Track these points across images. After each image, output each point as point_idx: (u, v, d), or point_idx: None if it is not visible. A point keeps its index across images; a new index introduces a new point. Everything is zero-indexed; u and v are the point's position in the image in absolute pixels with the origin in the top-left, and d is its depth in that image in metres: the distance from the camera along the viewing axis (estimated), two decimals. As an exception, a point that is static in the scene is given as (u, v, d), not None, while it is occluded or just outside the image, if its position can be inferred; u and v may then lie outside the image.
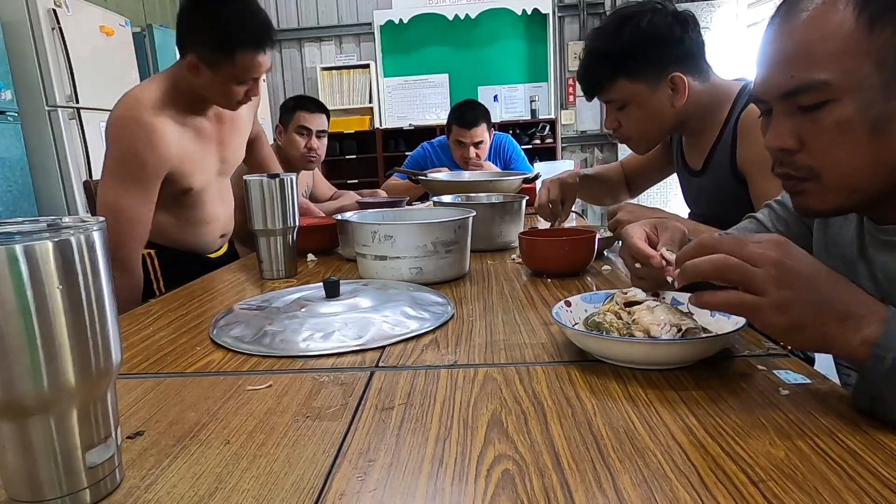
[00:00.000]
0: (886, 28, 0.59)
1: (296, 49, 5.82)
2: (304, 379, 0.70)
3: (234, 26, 1.38)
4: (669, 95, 1.24)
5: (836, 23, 0.61)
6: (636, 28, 1.20)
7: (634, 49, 1.21)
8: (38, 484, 0.44)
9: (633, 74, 1.24)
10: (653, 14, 1.20)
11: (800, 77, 0.64)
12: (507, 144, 2.90)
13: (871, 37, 0.60)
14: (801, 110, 0.65)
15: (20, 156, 3.15)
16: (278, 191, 1.23)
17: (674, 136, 1.49)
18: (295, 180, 1.26)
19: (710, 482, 0.45)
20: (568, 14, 5.65)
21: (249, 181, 1.23)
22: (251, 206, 1.23)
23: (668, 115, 1.26)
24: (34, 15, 3.14)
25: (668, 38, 1.21)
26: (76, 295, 0.42)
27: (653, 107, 1.26)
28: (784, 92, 0.66)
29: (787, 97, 0.66)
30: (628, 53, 1.22)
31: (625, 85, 1.25)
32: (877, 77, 0.60)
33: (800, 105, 0.65)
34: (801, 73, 0.64)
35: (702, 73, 1.26)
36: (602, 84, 1.28)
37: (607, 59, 1.25)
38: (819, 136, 0.65)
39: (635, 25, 1.20)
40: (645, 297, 0.75)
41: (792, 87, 0.65)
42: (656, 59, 1.22)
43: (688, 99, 1.24)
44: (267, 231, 1.24)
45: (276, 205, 1.23)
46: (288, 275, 1.26)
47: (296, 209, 1.27)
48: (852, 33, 0.61)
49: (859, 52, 0.61)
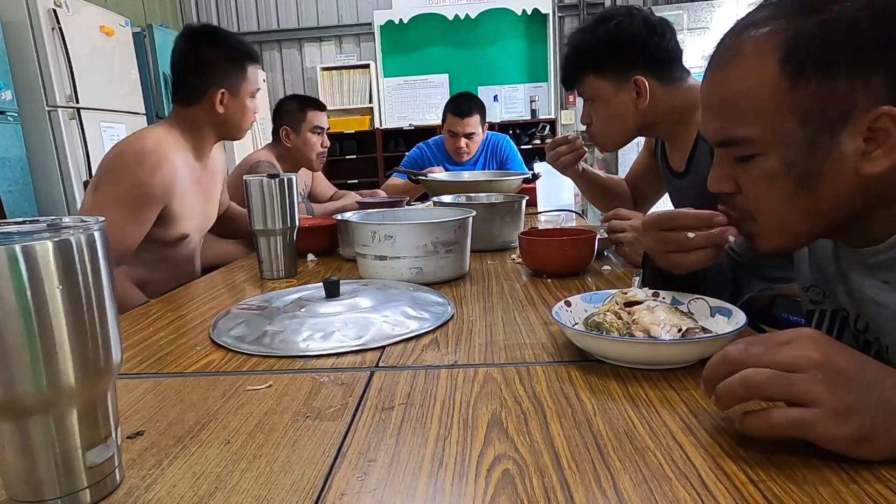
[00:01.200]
0: (810, 82, 0.58)
1: (296, 49, 5.82)
2: (304, 379, 0.70)
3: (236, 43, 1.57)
4: (633, 97, 1.30)
5: (760, 77, 0.61)
6: (606, 29, 1.28)
7: (601, 48, 1.29)
8: (38, 484, 0.44)
9: (599, 72, 1.31)
10: (624, 18, 1.28)
11: (726, 131, 0.65)
12: (504, 145, 2.90)
13: (795, 92, 0.59)
14: (734, 158, 0.66)
15: (20, 156, 3.15)
16: (278, 191, 1.23)
17: (657, 142, 1.52)
18: (295, 180, 1.27)
19: (710, 482, 0.45)
20: (568, 14, 5.65)
21: (250, 181, 1.23)
22: (251, 207, 1.24)
23: (631, 115, 1.32)
24: (34, 15, 3.14)
25: (632, 42, 1.27)
26: (76, 295, 0.42)
27: (616, 106, 1.32)
28: (716, 141, 0.68)
29: (721, 146, 0.67)
30: (596, 51, 1.30)
31: (592, 81, 1.33)
32: (801, 133, 0.60)
33: (732, 155, 0.66)
34: (728, 127, 0.65)
35: (671, 78, 1.30)
36: (574, 78, 1.36)
37: (579, 55, 1.34)
38: (751, 184, 0.66)
39: (606, 26, 1.29)
40: (645, 297, 0.75)
41: (721, 139, 0.66)
42: (620, 61, 1.29)
43: (654, 101, 1.29)
44: (267, 231, 1.24)
45: (276, 205, 1.23)
46: (288, 275, 1.27)
47: (296, 209, 1.27)
48: (775, 89, 0.60)
49: (782, 107, 0.60)
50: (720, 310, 0.75)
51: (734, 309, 0.73)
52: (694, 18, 5.28)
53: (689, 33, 5.25)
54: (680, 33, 5.60)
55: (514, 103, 5.76)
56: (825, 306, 0.82)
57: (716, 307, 0.76)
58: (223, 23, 5.76)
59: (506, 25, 5.65)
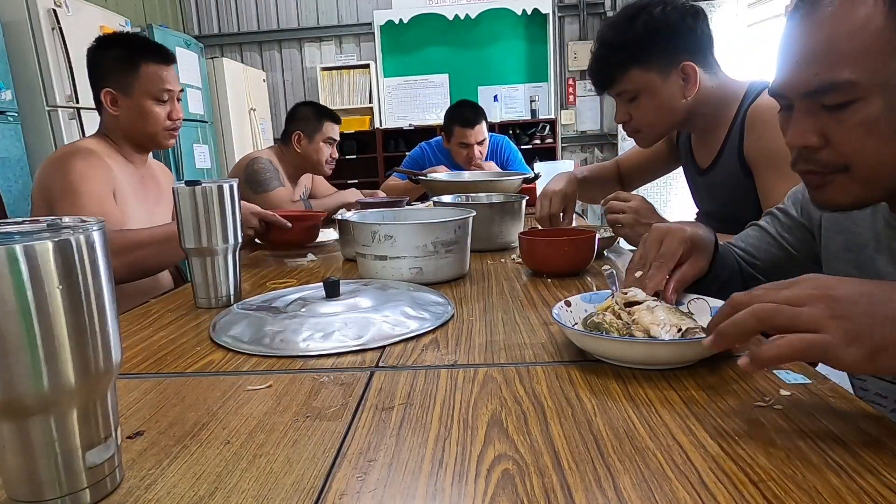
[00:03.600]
0: None
1: (296, 49, 5.82)
2: (304, 379, 0.70)
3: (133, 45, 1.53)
4: (681, 85, 1.27)
5: (864, 18, 0.58)
6: (649, 17, 1.23)
7: (647, 37, 1.23)
8: (38, 484, 0.44)
9: (645, 63, 1.25)
10: (664, 5, 1.23)
11: (824, 76, 0.61)
12: (504, 146, 2.90)
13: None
14: (824, 108, 0.62)
15: (20, 156, 3.15)
16: (217, 201, 1.01)
17: (681, 136, 1.51)
18: (237, 188, 1.05)
19: (710, 482, 0.45)
20: (568, 14, 5.64)
21: (178, 189, 1.01)
22: (181, 220, 1.02)
23: (678, 106, 1.28)
24: (34, 15, 3.13)
25: (679, 26, 1.23)
26: (76, 295, 0.42)
27: (663, 96, 1.27)
28: (807, 90, 0.63)
29: (811, 95, 0.63)
30: (641, 42, 1.24)
31: (637, 74, 1.27)
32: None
33: (824, 104, 0.62)
34: (825, 71, 0.61)
35: (712, 66, 1.28)
36: (614, 75, 1.29)
37: (621, 49, 1.26)
38: (844, 135, 0.62)
39: (648, 14, 1.23)
40: (645, 298, 0.75)
41: (816, 86, 0.62)
42: (668, 48, 1.24)
43: (698, 92, 1.26)
44: (202, 250, 1.02)
45: (213, 218, 1.01)
46: (227, 304, 1.05)
47: (238, 223, 1.05)
48: (880, 30, 0.57)
49: (887, 49, 0.57)
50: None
51: None
52: (694, 18, 5.28)
53: (689, 33, 5.24)
54: (680, 33, 5.57)
55: (514, 103, 5.75)
56: None
57: (716, 307, 0.76)
58: (223, 23, 5.76)
59: (506, 25, 5.64)
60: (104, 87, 1.51)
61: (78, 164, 1.40)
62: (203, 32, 5.74)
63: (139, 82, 1.51)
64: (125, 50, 1.52)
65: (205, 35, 5.69)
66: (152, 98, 1.53)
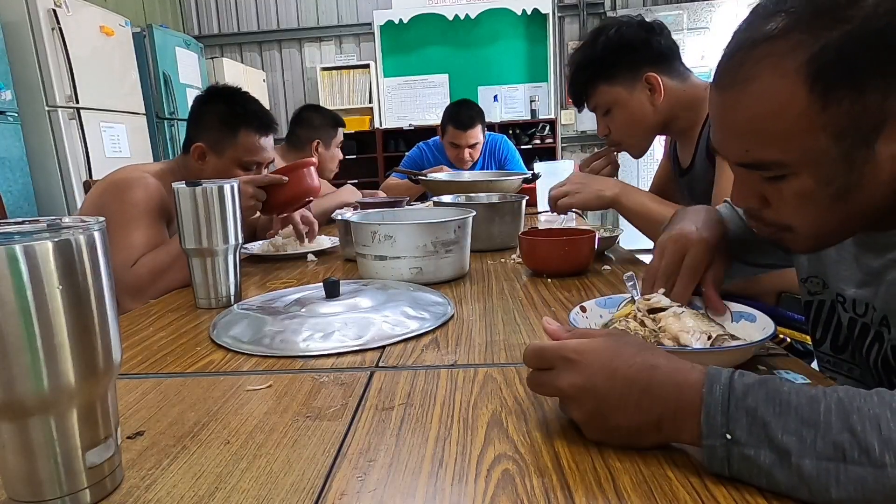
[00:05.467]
0: (843, 100, 0.55)
1: (296, 49, 5.82)
2: (304, 379, 0.70)
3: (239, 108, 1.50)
4: (648, 95, 1.36)
5: (787, 97, 0.57)
6: (606, 37, 1.36)
7: (607, 55, 1.35)
8: (38, 484, 0.44)
9: (610, 79, 1.37)
10: (620, 25, 1.37)
11: (754, 154, 0.61)
12: (503, 145, 2.90)
13: (826, 112, 0.56)
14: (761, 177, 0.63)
15: (20, 156, 3.15)
16: (217, 201, 1.01)
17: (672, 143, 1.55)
18: (237, 188, 1.05)
19: (711, 482, 0.45)
20: (568, 14, 5.64)
21: (178, 189, 1.01)
22: (181, 221, 1.02)
23: (649, 113, 1.37)
24: (34, 15, 3.14)
25: (636, 42, 1.34)
26: (76, 295, 0.42)
27: (633, 107, 1.37)
28: (741, 163, 0.64)
29: (745, 167, 0.64)
30: (602, 59, 1.36)
31: (605, 89, 1.38)
32: (835, 150, 0.57)
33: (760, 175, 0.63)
34: (755, 150, 0.61)
35: (678, 73, 1.37)
36: (585, 92, 1.42)
37: (587, 68, 1.39)
38: (782, 202, 0.63)
39: (605, 35, 1.36)
40: (669, 304, 0.73)
41: (748, 162, 0.63)
42: (629, 62, 1.35)
43: (667, 97, 1.35)
44: (202, 251, 1.02)
45: (213, 218, 1.01)
46: (228, 304, 1.05)
47: (239, 223, 1.05)
48: (805, 110, 0.56)
49: (814, 128, 0.57)
50: (744, 315, 0.74)
51: (758, 314, 0.73)
52: (694, 18, 5.28)
53: (689, 33, 5.25)
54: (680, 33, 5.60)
55: (514, 103, 5.75)
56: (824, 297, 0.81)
57: (736, 311, 0.75)
58: (223, 23, 5.76)
59: (506, 25, 5.64)
60: (198, 141, 1.50)
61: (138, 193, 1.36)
62: (203, 32, 5.74)
63: (234, 148, 1.49)
64: (228, 107, 1.50)
65: (204, 35, 5.69)
66: (240, 166, 1.51)
